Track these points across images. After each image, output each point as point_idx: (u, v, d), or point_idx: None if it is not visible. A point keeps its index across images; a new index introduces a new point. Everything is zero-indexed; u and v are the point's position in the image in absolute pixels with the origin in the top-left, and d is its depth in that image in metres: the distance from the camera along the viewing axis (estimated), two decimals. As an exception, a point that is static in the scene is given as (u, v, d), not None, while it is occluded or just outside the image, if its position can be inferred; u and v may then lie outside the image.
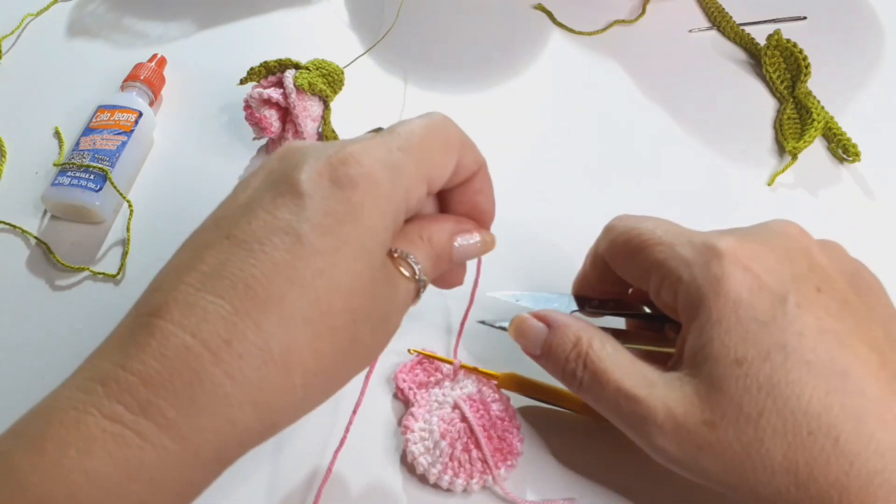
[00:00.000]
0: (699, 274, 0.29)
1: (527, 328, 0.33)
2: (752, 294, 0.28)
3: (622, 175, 0.49)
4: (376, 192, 0.26)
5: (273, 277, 0.24)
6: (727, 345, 0.27)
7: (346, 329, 0.25)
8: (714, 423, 0.27)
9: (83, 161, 0.45)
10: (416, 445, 0.36)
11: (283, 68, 0.46)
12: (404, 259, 0.28)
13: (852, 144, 0.49)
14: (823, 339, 0.27)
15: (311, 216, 0.25)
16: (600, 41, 0.57)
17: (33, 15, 0.58)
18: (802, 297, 0.28)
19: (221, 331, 0.23)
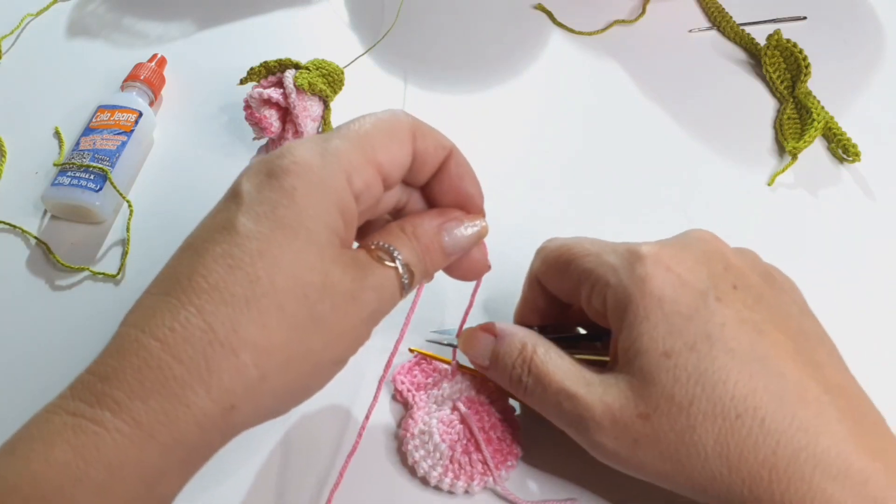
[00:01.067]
0: (625, 276, 0.30)
1: (475, 339, 0.35)
2: (675, 291, 0.30)
3: (622, 175, 0.49)
4: (309, 175, 0.27)
5: (213, 267, 0.25)
6: (655, 338, 0.29)
7: (297, 305, 0.26)
8: (648, 415, 0.29)
9: (83, 161, 0.45)
10: (416, 448, 0.36)
11: (283, 68, 0.46)
12: (382, 249, 0.29)
13: (852, 144, 0.49)
14: (743, 328, 0.29)
15: (246, 208, 0.26)
16: (600, 41, 0.57)
17: (33, 15, 0.58)
18: (721, 292, 0.30)
19: (168, 321, 0.25)
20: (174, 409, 0.24)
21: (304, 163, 0.27)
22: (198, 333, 0.24)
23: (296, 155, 0.27)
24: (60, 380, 0.26)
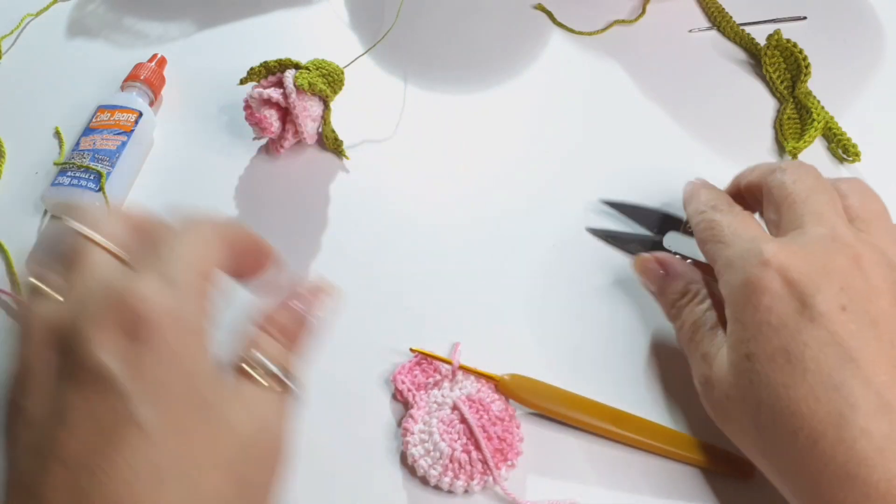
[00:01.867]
0: (736, 276, 0.32)
1: (647, 268, 0.39)
2: (773, 300, 0.31)
3: (622, 175, 0.49)
4: (182, 329, 0.24)
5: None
6: (742, 340, 0.31)
7: None
8: (730, 398, 0.32)
9: (83, 161, 0.45)
10: (416, 447, 0.36)
11: (283, 68, 0.46)
12: (263, 372, 0.27)
13: (852, 144, 0.49)
14: (828, 352, 0.29)
15: (137, 397, 0.22)
16: (600, 41, 0.57)
17: (33, 15, 0.58)
18: (820, 311, 0.30)
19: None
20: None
21: (169, 312, 0.24)
22: None
23: (157, 302, 0.24)
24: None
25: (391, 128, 0.51)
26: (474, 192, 0.48)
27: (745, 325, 0.31)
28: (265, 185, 0.48)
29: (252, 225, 0.46)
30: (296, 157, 0.50)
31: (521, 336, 0.42)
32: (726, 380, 0.32)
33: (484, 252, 0.45)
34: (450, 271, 0.45)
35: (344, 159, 0.49)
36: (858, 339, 0.29)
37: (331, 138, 0.49)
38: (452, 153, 0.50)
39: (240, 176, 0.49)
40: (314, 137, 0.49)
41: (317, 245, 0.46)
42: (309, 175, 0.49)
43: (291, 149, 0.49)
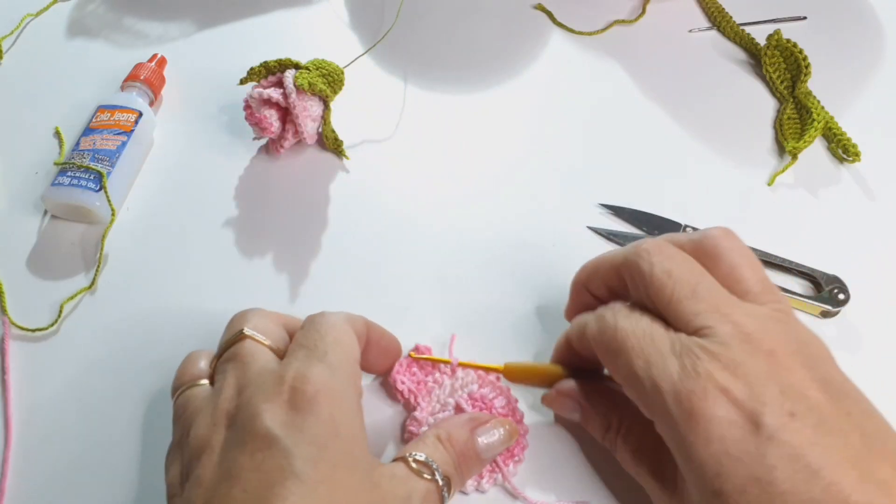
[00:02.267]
0: (674, 406, 0.28)
1: (564, 407, 0.36)
2: (724, 428, 0.28)
3: (622, 175, 0.49)
4: (337, 400, 0.29)
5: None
6: (704, 478, 0.28)
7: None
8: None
9: (83, 161, 0.45)
10: None
11: (283, 68, 0.46)
12: (422, 463, 0.31)
13: (852, 144, 0.49)
14: (797, 468, 0.27)
15: (297, 453, 0.27)
16: (600, 41, 0.57)
17: (33, 15, 0.58)
18: (775, 426, 0.27)
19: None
20: None
21: (327, 388, 0.29)
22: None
23: (315, 380, 0.29)
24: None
25: (391, 128, 0.51)
26: (474, 192, 0.48)
27: (702, 463, 0.28)
28: (265, 185, 0.48)
29: (252, 225, 0.46)
30: (296, 157, 0.50)
31: (521, 336, 0.42)
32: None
33: (484, 252, 0.45)
34: (450, 271, 0.45)
35: (344, 159, 0.49)
36: (816, 446, 0.27)
37: (331, 138, 0.49)
38: (452, 153, 0.50)
39: (240, 176, 0.49)
40: (314, 137, 0.49)
41: (317, 245, 0.46)
42: (309, 175, 0.49)
43: (291, 149, 0.49)
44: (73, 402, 0.39)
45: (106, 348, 0.41)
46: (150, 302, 0.43)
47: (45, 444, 0.38)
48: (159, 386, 0.40)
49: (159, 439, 0.38)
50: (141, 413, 0.39)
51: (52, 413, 0.39)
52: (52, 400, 0.39)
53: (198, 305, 0.43)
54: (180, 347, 0.41)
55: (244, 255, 0.45)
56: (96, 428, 0.39)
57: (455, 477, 0.32)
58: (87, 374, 0.40)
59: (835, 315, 0.43)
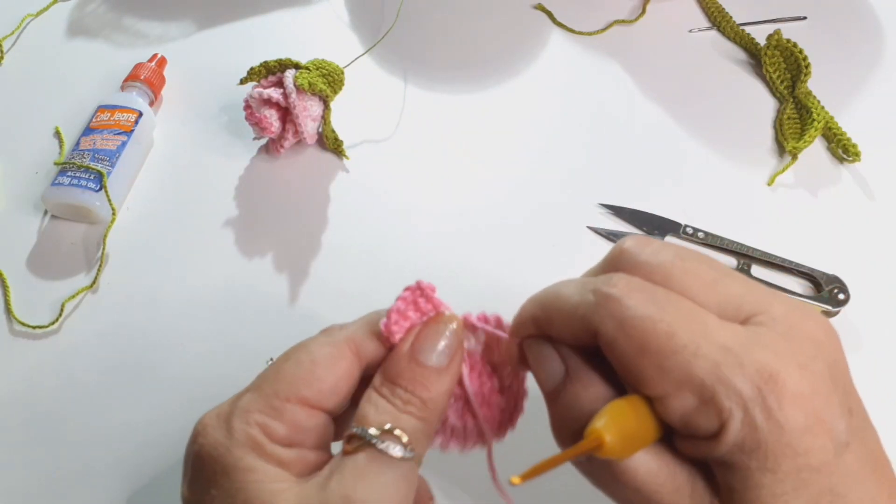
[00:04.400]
0: (759, 415, 0.23)
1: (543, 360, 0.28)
2: (810, 439, 0.24)
3: (622, 175, 0.49)
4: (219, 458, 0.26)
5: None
6: (778, 494, 0.24)
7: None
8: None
9: (83, 161, 0.45)
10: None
11: (283, 68, 0.46)
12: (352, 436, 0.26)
13: (852, 144, 0.49)
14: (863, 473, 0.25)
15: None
16: (600, 41, 0.57)
17: (33, 15, 0.58)
18: (848, 431, 0.25)
19: None
20: None
21: (211, 444, 0.26)
22: None
23: (204, 437, 0.27)
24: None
25: (391, 128, 0.51)
26: (474, 192, 0.48)
27: (779, 478, 0.24)
28: (265, 185, 0.48)
29: (252, 225, 0.46)
30: (296, 157, 0.50)
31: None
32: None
33: (484, 252, 0.45)
34: (450, 270, 0.45)
35: (344, 159, 0.49)
36: (866, 442, 0.25)
37: (331, 138, 0.49)
38: (452, 153, 0.50)
39: (240, 176, 0.49)
40: (314, 137, 0.49)
41: (317, 245, 0.46)
42: (309, 175, 0.49)
43: (291, 149, 0.49)
44: (73, 400, 0.39)
45: (107, 347, 0.41)
46: (151, 301, 0.43)
47: (46, 442, 0.38)
48: (159, 385, 0.40)
49: (159, 438, 0.38)
50: (141, 412, 0.39)
51: (52, 410, 0.39)
52: (52, 397, 0.40)
53: (198, 304, 0.43)
54: (180, 346, 0.41)
55: (244, 255, 0.45)
56: (96, 427, 0.39)
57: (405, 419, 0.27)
58: (87, 373, 0.40)
59: (835, 315, 0.43)
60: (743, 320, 0.25)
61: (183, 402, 0.39)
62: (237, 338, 0.42)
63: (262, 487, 0.25)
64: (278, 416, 0.26)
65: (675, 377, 0.24)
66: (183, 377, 0.40)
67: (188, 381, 0.40)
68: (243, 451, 0.26)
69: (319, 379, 0.27)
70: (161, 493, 0.37)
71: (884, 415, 0.30)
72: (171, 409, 0.39)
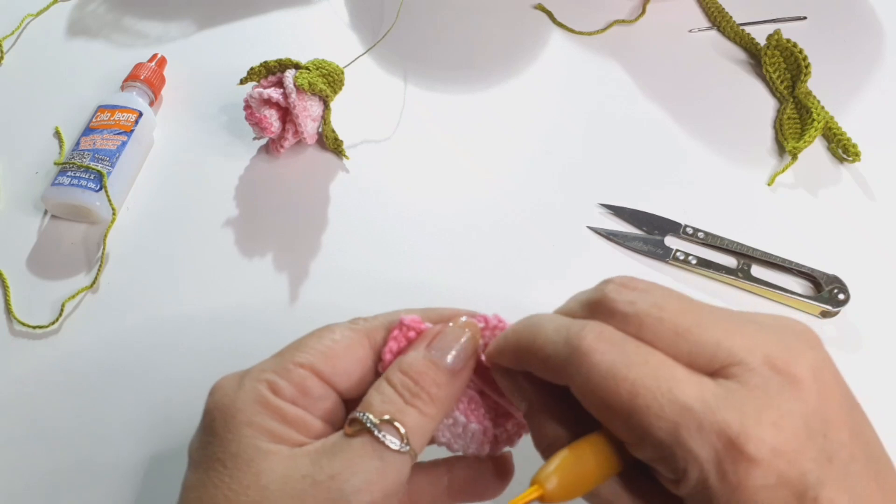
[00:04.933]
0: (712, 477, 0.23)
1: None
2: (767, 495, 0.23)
3: (622, 175, 0.49)
4: (224, 406, 0.27)
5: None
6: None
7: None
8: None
9: (83, 161, 0.45)
10: (444, 436, 0.30)
11: (283, 68, 0.46)
12: (353, 420, 0.27)
13: (852, 144, 0.49)
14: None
15: (191, 461, 0.27)
16: (600, 41, 0.57)
17: (33, 15, 0.58)
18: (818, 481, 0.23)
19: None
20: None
21: (220, 396, 0.28)
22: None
23: (217, 392, 0.28)
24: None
25: (391, 128, 0.51)
26: (474, 192, 0.48)
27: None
28: (265, 185, 0.48)
29: (252, 225, 0.46)
30: (296, 157, 0.50)
31: (521, 336, 0.42)
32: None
33: (484, 252, 0.45)
34: (450, 271, 0.45)
35: (344, 159, 0.49)
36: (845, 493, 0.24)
37: (331, 138, 0.49)
38: (452, 153, 0.50)
39: (240, 176, 0.49)
40: (314, 137, 0.49)
41: (317, 245, 0.46)
42: (309, 175, 0.49)
43: (291, 149, 0.49)
44: (73, 400, 0.39)
45: (107, 346, 0.41)
46: (151, 301, 0.43)
47: (46, 442, 0.38)
48: (159, 384, 0.40)
49: (158, 437, 0.38)
50: (141, 411, 0.39)
51: (52, 410, 0.39)
52: (52, 397, 0.40)
53: (198, 304, 0.43)
54: (180, 346, 0.41)
55: (244, 255, 0.45)
56: (96, 426, 0.39)
57: (409, 413, 0.27)
58: (87, 373, 0.40)
59: (835, 315, 0.43)
60: (716, 371, 0.24)
61: (183, 402, 0.39)
62: (237, 338, 0.42)
63: (255, 444, 0.26)
64: (287, 376, 0.27)
65: (636, 433, 0.24)
66: (183, 377, 0.40)
67: (188, 381, 0.40)
68: (246, 404, 0.27)
69: (335, 356, 0.28)
70: (161, 493, 0.37)
71: (884, 415, 0.30)
72: (170, 409, 0.39)
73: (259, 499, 0.25)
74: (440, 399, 0.28)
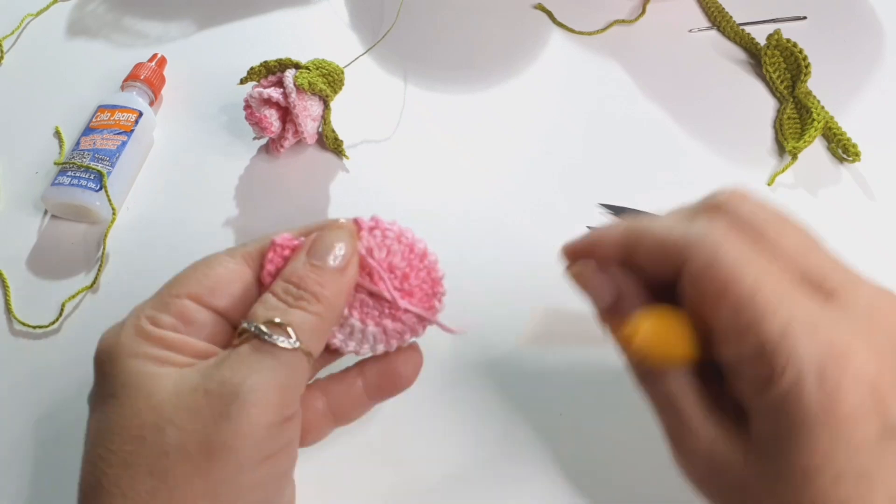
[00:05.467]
0: (811, 383, 0.24)
1: (595, 283, 0.30)
2: (855, 417, 0.24)
3: (622, 175, 0.49)
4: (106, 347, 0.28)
5: None
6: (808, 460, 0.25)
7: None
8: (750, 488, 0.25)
9: (83, 161, 0.45)
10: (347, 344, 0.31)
11: (283, 68, 0.46)
12: (241, 330, 0.27)
13: (852, 144, 0.49)
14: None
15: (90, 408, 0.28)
16: (600, 41, 0.57)
17: (33, 15, 0.58)
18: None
19: None
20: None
21: (103, 341, 0.28)
22: None
23: (101, 341, 0.28)
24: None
25: (391, 128, 0.51)
26: (474, 192, 0.48)
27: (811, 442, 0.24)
28: (265, 185, 0.48)
29: (252, 225, 0.46)
30: (296, 157, 0.50)
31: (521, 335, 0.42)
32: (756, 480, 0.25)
33: (483, 252, 0.45)
34: (449, 271, 0.44)
35: (344, 159, 0.49)
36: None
37: (331, 138, 0.49)
38: (452, 153, 0.50)
39: (240, 176, 0.49)
40: (314, 137, 0.49)
41: (317, 245, 0.45)
42: (309, 175, 0.49)
43: (291, 149, 0.49)
44: (74, 400, 0.39)
45: (106, 348, 0.41)
46: (150, 302, 0.43)
47: (46, 442, 0.38)
48: (159, 386, 0.40)
49: (159, 439, 0.38)
50: (141, 413, 0.39)
51: (52, 411, 0.39)
52: (52, 398, 0.39)
53: (198, 305, 0.43)
54: (180, 347, 0.41)
55: (244, 255, 0.45)
56: (96, 428, 0.39)
57: (294, 313, 0.27)
58: (87, 373, 0.40)
59: (835, 315, 0.43)
60: (826, 294, 0.26)
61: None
62: (237, 338, 0.42)
63: (141, 370, 0.26)
64: (165, 308, 0.28)
65: (743, 324, 0.25)
66: (183, 377, 0.40)
67: (188, 381, 0.40)
68: (128, 338, 0.27)
69: (208, 277, 0.29)
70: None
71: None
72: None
73: (154, 418, 0.25)
74: (326, 297, 0.28)
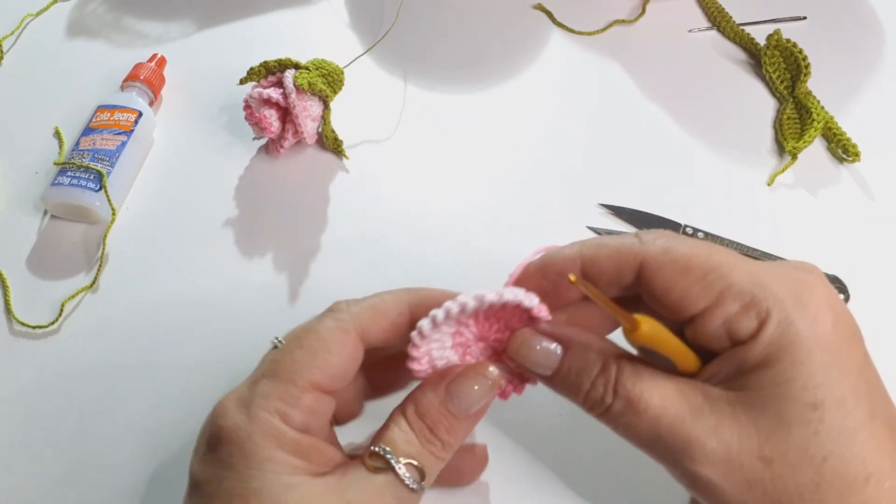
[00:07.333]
0: (793, 310, 0.26)
1: (529, 345, 0.29)
2: (841, 341, 0.27)
3: (622, 175, 0.49)
4: (238, 439, 0.27)
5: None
6: (808, 388, 0.26)
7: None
8: (772, 460, 0.26)
9: (83, 161, 0.45)
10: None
11: (283, 68, 0.46)
12: (375, 455, 0.28)
13: (852, 144, 0.49)
14: (880, 388, 0.28)
15: (200, 493, 0.27)
16: (600, 41, 0.57)
17: (33, 15, 0.58)
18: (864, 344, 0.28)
19: None
20: None
21: (231, 427, 0.27)
22: None
23: (224, 419, 0.27)
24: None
25: (391, 128, 0.51)
26: (474, 192, 0.48)
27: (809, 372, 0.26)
28: (265, 185, 0.48)
29: (252, 225, 0.46)
30: (296, 157, 0.50)
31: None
32: (753, 440, 0.26)
33: (484, 252, 0.45)
34: (450, 271, 0.45)
35: (344, 159, 0.49)
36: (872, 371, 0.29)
37: (331, 138, 0.49)
38: (452, 153, 0.50)
39: (240, 176, 0.49)
40: (314, 137, 0.49)
41: (317, 245, 0.46)
42: (309, 175, 0.49)
43: (291, 149, 0.49)
44: (73, 400, 0.39)
45: (107, 347, 0.41)
46: (151, 301, 0.43)
47: (46, 442, 0.38)
48: (159, 384, 0.40)
49: (159, 438, 0.38)
50: (141, 412, 0.39)
51: (52, 410, 0.39)
52: (52, 397, 0.40)
53: (198, 304, 0.43)
54: (180, 346, 0.41)
55: (244, 255, 0.45)
56: (97, 426, 0.39)
57: (426, 456, 0.28)
58: (87, 373, 0.40)
59: (835, 315, 0.43)
60: None
61: (183, 403, 0.39)
62: (237, 338, 0.42)
63: (278, 479, 0.26)
64: (296, 403, 0.28)
65: (716, 288, 0.27)
66: (183, 377, 0.40)
67: (188, 382, 0.40)
68: (263, 439, 0.27)
69: (330, 365, 0.28)
70: (161, 492, 0.37)
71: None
72: (171, 410, 0.39)
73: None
74: (452, 446, 0.29)
